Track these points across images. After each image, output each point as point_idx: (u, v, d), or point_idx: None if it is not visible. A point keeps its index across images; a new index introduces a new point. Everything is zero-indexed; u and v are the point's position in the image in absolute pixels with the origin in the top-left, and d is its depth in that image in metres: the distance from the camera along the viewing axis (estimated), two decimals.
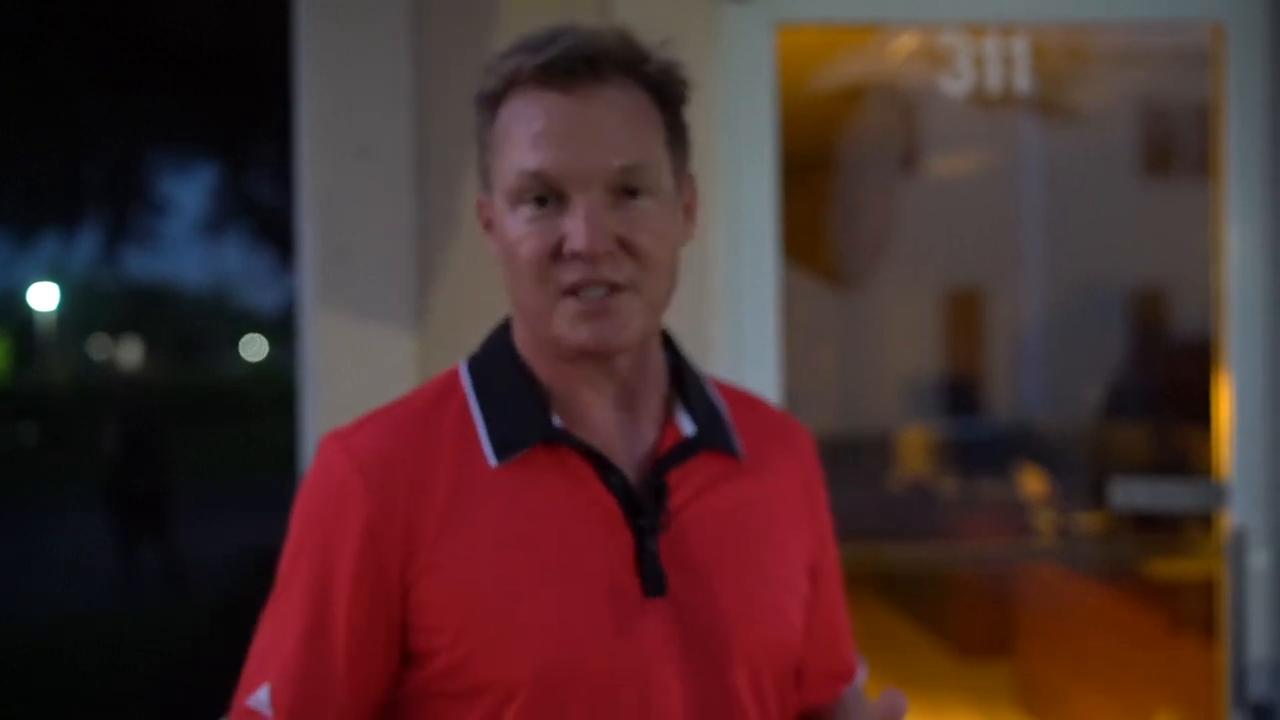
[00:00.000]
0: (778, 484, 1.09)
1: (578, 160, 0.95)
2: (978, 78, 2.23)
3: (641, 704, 0.97)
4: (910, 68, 2.38)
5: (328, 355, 1.88)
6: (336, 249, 1.90)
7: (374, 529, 0.97)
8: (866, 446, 5.01)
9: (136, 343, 12.48)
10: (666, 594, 0.98)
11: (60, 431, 9.92)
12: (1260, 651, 2.00)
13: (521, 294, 0.99)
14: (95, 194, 9.47)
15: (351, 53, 1.91)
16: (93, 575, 7.14)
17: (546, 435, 0.99)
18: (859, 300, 5.12)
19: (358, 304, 1.88)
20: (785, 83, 2.01)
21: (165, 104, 7.14)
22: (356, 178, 1.91)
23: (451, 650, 0.96)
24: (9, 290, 12.07)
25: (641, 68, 0.99)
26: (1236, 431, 2.03)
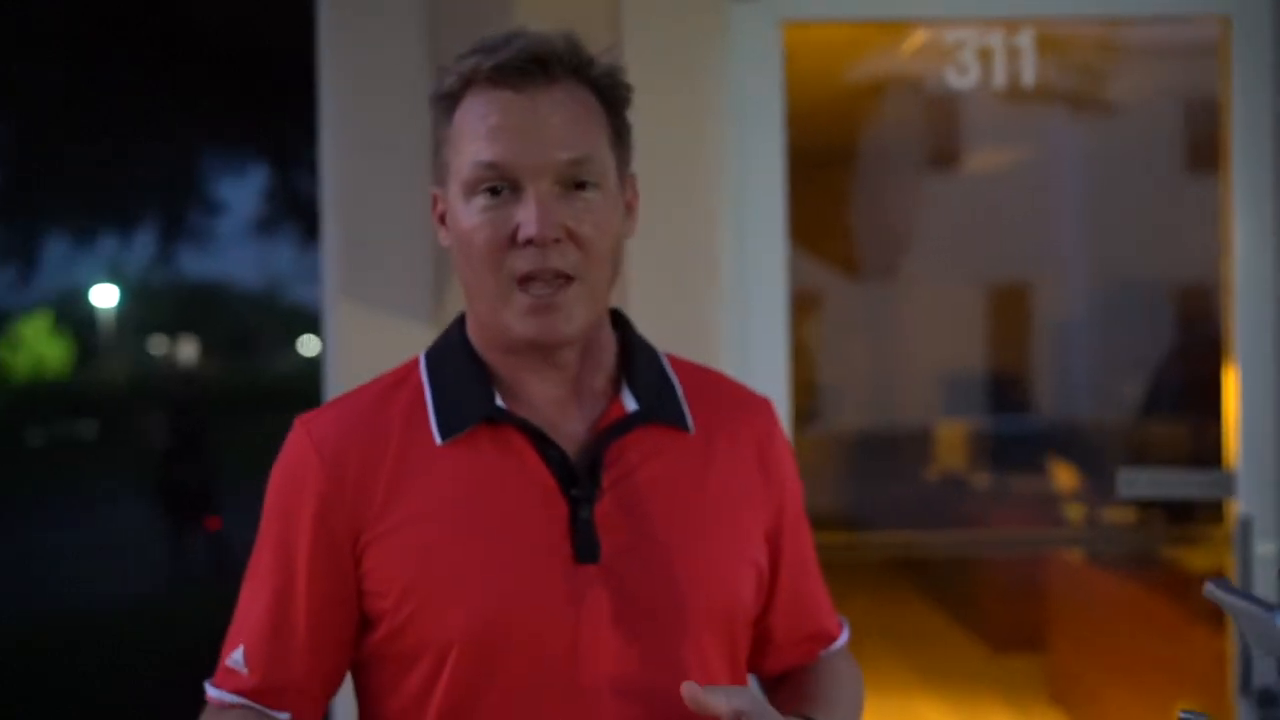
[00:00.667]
0: (731, 454, 1.13)
1: (529, 153, 1.00)
2: (1010, 72, 2.25)
3: (570, 664, 1.03)
4: (939, 63, 2.40)
5: (349, 347, 1.95)
6: (357, 244, 1.96)
7: (327, 501, 1.04)
8: (902, 440, 5.01)
9: (192, 340, 12.70)
10: (599, 560, 1.04)
11: (119, 426, 10.14)
12: None
13: (474, 282, 1.04)
14: (151, 196, 9.69)
15: (371, 55, 1.97)
16: (146, 561, 7.32)
17: (489, 414, 1.05)
18: (897, 296, 5.12)
19: (377, 297, 1.94)
20: (814, 78, 2.04)
21: (217, 107, 7.30)
22: (376, 175, 1.97)
23: (395, 613, 1.03)
24: (71, 290, 12.30)
25: (588, 71, 1.05)
26: (1243, 422, 2.04)
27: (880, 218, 4.49)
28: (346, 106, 1.99)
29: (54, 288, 11.92)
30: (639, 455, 1.08)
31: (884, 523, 4.41)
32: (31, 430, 10.93)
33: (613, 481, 1.07)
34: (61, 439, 10.71)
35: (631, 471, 1.08)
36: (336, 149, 1.99)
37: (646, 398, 1.10)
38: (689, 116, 1.97)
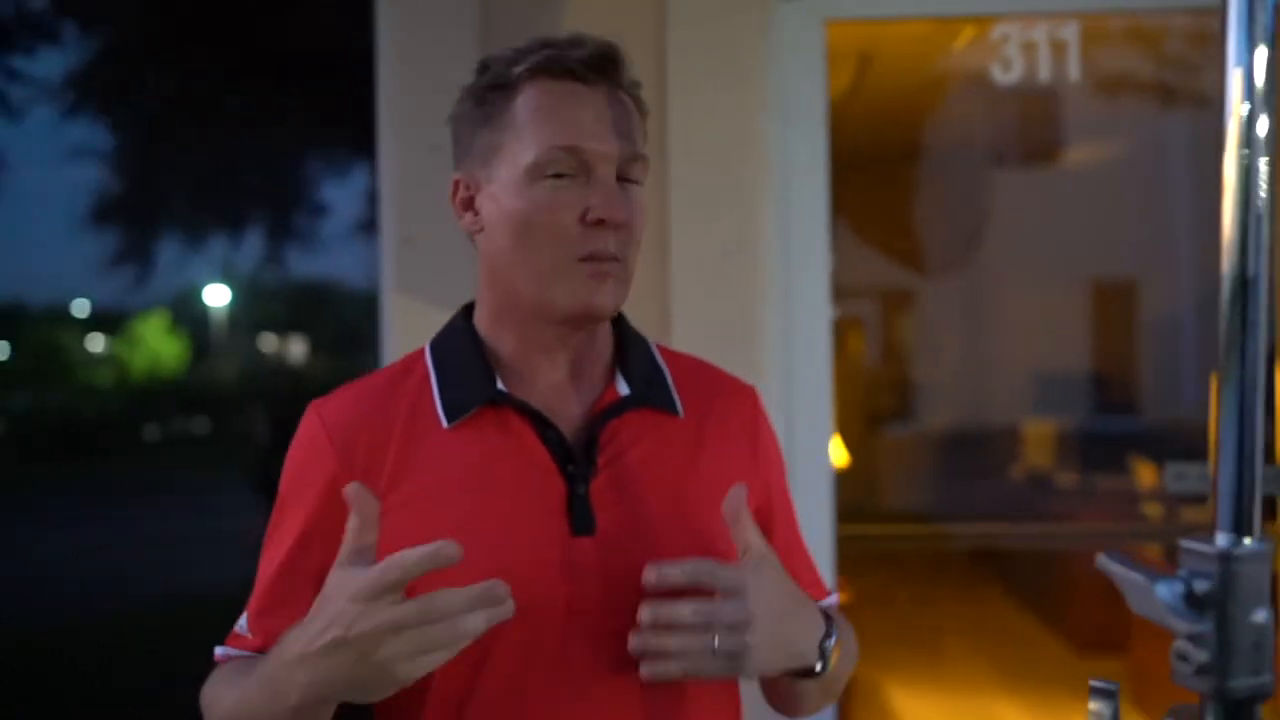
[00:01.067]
0: (718, 436, 1.18)
1: (602, 141, 1.06)
2: (1097, 65, 2.23)
3: (567, 631, 1.08)
4: (1028, 56, 2.38)
5: (402, 338, 2.02)
6: (409, 239, 2.02)
7: (336, 481, 1.10)
8: (991, 438, 4.97)
9: (301, 338, 13.00)
10: (594, 533, 1.08)
11: (229, 422, 10.44)
12: None
13: (526, 259, 1.09)
14: (258, 199, 9.97)
15: (425, 58, 2.04)
16: (250, 549, 7.58)
17: (490, 398, 1.10)
18: (994, 294, 5.08)
19: (427, 290, 2.00)
20: (901, 74, 2.04)
21: (320, 112, 7.50)
22: (428, 173, 2.03)
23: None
24: (184, 291, 12.63)
25: (625, 78, 1.10)
26: None
27: (976, 215, 4.45)
28: (402, 108, 2.05)
29: (169, 288, 12.19)
30: (631, 436, 1.14)
31: (968, 517, 4.40)
32: (148, 426, 11.33)
33: (607, 460, 1.12)
34: (175, 434, 11.09)
35: (624, 451, 1.13)
36: (392, 150, 2.06)
37: (639, 384, 1.16)
38: (734, 115, 2.00)
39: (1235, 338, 0.67)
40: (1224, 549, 0.66)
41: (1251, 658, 0.65)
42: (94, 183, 9.51)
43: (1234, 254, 0.68)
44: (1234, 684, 0.65)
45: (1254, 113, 0.69)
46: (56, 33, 5.64)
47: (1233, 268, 0.68)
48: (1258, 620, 0.65)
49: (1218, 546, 0.66)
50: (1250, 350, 0.67)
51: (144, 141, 8.38)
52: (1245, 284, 0.67)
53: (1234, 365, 0.67)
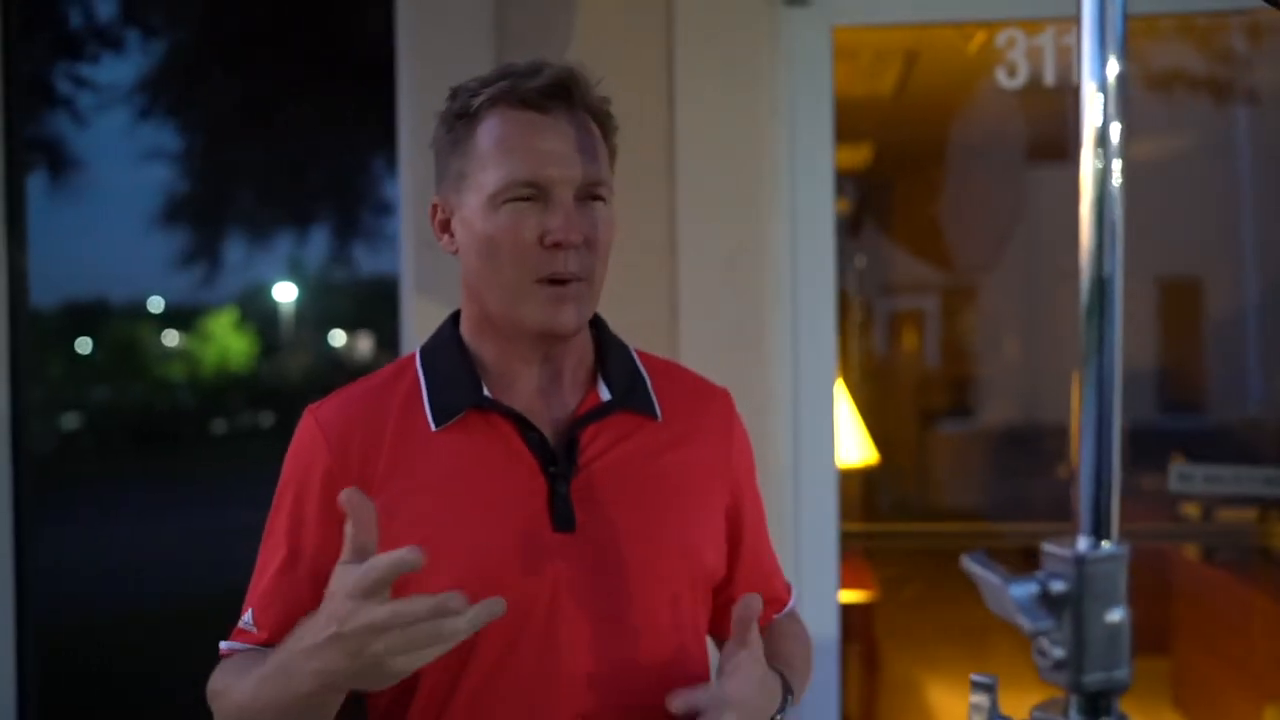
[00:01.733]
0: (694, 438, 1.25)
1: (558, 168, 1.14)
2: (1147, 62, 2.24)
3: (549, 622, 1.15)
4: (1067, 54, 2.39)
5: (423, 338, 2.09)
6: (428, 241, 2.10)
7: (332, 478, 1.17)
8: (1048, 436, 4.94)
9: (368, 335, 13.24)
10: (575, 530, 1.15)
11: (293, 415, 10.62)
12: None
13: (491, 279, 1.17)
14: (325, 198, 10.14)
15: (442, 61, 2.11)
16: None
17: (476, 402, 1.18)
18: (1052, 291, 5.05)
19: (445, 292, 2.07)
20: (949, 74, 2.06)
21: (383, 110, 7.63)
22: None
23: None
24: (253, 288, 12.97)
25: (589, 100, 1.17)
26: None
27: (1032, 212, 4.44)
28: (421, 110, 2.12)
29: (237, 285, 12.59)
30: (611, 438, 1.21)
31: (1017, 515, 4.39)
32: (216, 420, 11.68)
33: (587, 461, 1.19)
34: (243, 429, 11.41)
35: (604, 452, 1.20)
36: (413, 153, 2.13)
37: (619, 389, 1.23)
38: (741, 120, 2.05)
39: (1093, 339, 0.71)
40: (1080, 553, 0.70)
41: (1106, 654, 0.70)
42: (165, 183, 9.72)
43: (1090, 256, 0.72)
44: (1089, 679, 0.70)
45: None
46: (121, 41, 5.81)
47: (1091, 270, 0.71)
48: (1112, 619, 0.70)
49: (1075, 550, 0.70)
50: (1106, 352, 0.71)
51: (212, 146, 8.57)
52: (1102, 284, 0.71)
53: (1091, 367, 0.71)
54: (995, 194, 4.51)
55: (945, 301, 5.33)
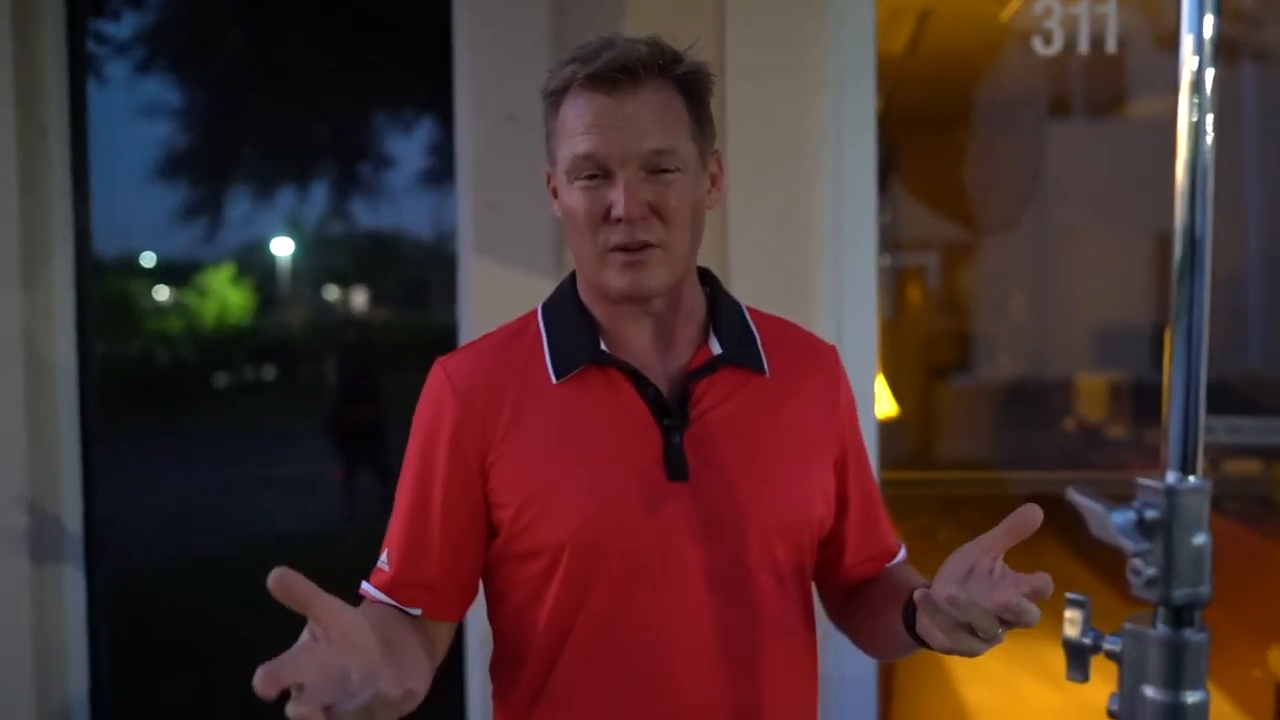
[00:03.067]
0: (802, 393, 1.34)
1: (619, 146, 1.22)
2: (1160, 19, 2.31)
3: (663, 563, 1.24)
4: (1091, 13, 2.44)
5: (481, 299, 2.18)
6: (491, 204, 2.18)
7: (460, 429, 1.27)
8: (1048, 391, 5.06)
9: (362, 289, 13.21)
10: (688, 479, 1.25)
11: (295, 370, 10.69)
12: None
13: (578, 247, 1.27)
14: (326, 152, 10.15)
15: (500, 31, 2.18)
16: (319, 497, 7.81)
17: (595, 357, 1.27)
18: (1056, 247, 5.14)
19: (506, 253, 2.16)
20: (963, 33, 2.12)
21: (385, 67, 7.62)
22: (506, 142, 2.18)
23: (515, 521, 1.25)
24: (252, 242, 12.91)
25: (671, 70, 1.25)
26: None
27: (1040, 169, 4.52)
28: (478, 80, 2.20)
29: (238, 240, 12.52)
30: (723, 392, 1.30)
31: (1023, 465, 4.51)
32: (217, 373, 11.65)
33: (700, 414, 1.28)
34: (244, 382, 11.38)
35: (716, 406, 1.29)
36: (470, 120, 2.21)
37: (730, 344, 1.31)
38: (790, 87, 2.13)
39: (1184, 296, 0.81)
40: (1171, 485, 0.81)
41: (1191, 572, 0.81)
42: (165, 138, 9.71)
43: (1183, 210, 0.80)
44: (1177, 593, 0.81)
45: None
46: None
47: (1183, 225, 0.80)
48: (1197, 542, 0.81)
49: (1165, 483, 0.81)
50: (1196, 309, 0.80)
51: (215, 101, 8.57)
52: (1194, 244, 0.80)
53: (1182, 323, 0.81)
54: (1003, 152, 4.59)
55: (953, 257, 5.42)
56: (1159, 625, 0.82)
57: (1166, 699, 0.81)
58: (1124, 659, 0.84)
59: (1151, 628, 0.82)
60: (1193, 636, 0.81)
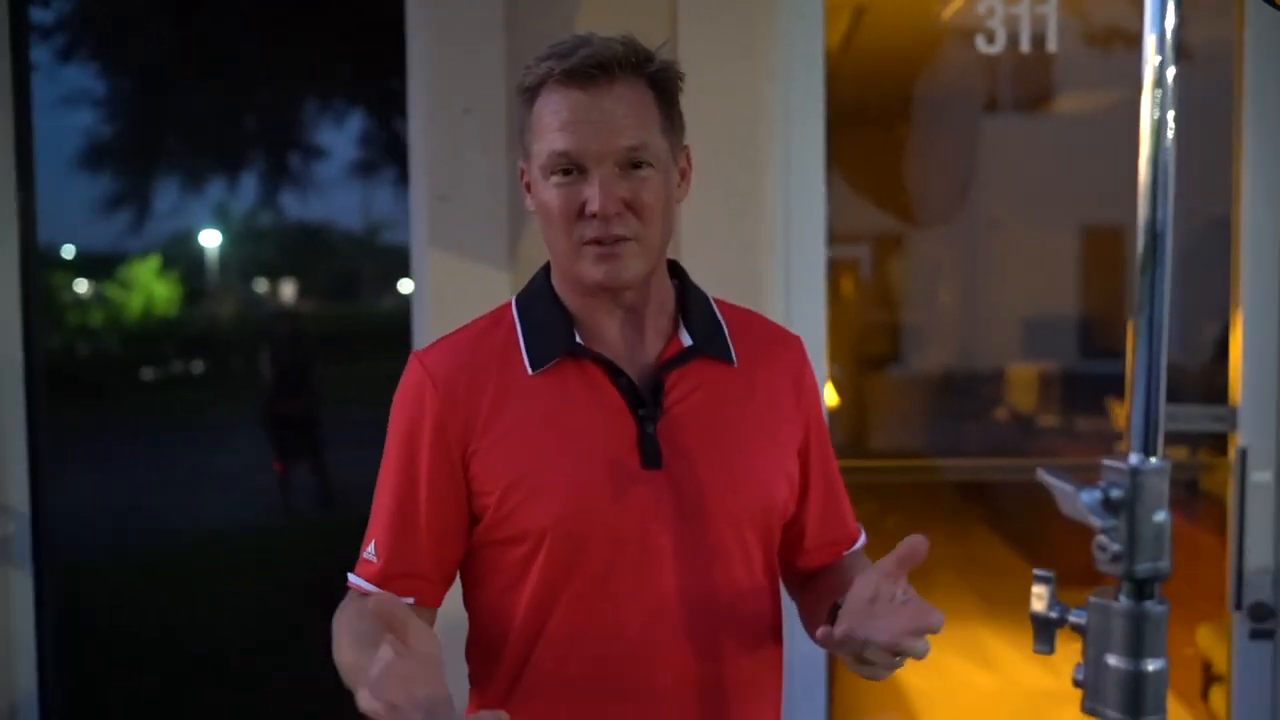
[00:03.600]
0: (768, 382, 1.38)
1: (594, 143, 1.25)
2: (1091, 17, 2.38)
3: (641, 548, 1.28)
4: (1018, 9, 2.50)
5: (435, 291, 2.20)
6: (444, 196, 2.20)
7: (441, 421, 1.30)
8: (978, 381, 5.16)
9: (292, 281, 13.06)
10: (662, 467, 1.28)
11: (225, 363, 10.55)
12: (1261, 560, 2.19)
13: (553, 241, 1.30)
14: (255, 143, 10.02)
15: (454, 28, 2.19)
16: (254, 490, 7.72)
17: (570, 349, 1.30)
18: (986, 240, 5.24)
19: (461, 245, 2.18)
20: (897, 29, 2.17)
21: (316, 56, 7.55)
22: (460, 135, 2.20)
23: (498, 508, 1.29)
24: (180, 234, 12.70)
25: (644, 68, 1.28)
26: (1245, 361, 2.20)
27: (966, 163, 4.61)
28: (432, 71, 2.21)
29: (165, 232, 12.31)
30: (693, 382, 1.34)
31: (957, 454, 4.61)
32: (144, 367, 11.46)
33: (672, 403, 1.32)
34: (173, 375, 11.20)
35: (687, 395, 1.33)
36: (423, 111, 2.22)
37: (700, 335, 1.35)
38: (742, 82, 2.17)
39: (1146, 288, 0.86)
40: (1134, 465, 0.86)
41: (1152, 548, 0.86)
42: (88, 129, 9.52)
43: (1146, 204, 0.85)
44: (1140, 567, 0.86)
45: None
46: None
47: (1145, 219, 0.85)
48: (1158, 520, 0.86)
49: (1129, 463, 0.86)
50: (1157, 301, 0.85)
51: (141, 89, 8.41)
52: (1155, 236, 0.85)
53: (1144, 314, 0.86)
54: (934, 147, 4.68)
55: (885, 250, 5.51)
56: (1122, 598, 0.87)
57: (1129, 667, 0.86)
58: (1089, 630, 0.89)
59: (1115, 600, 0.87)
60: (1153, 608, 0.86)
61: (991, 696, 3.54)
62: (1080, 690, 0.89)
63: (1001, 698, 3.53)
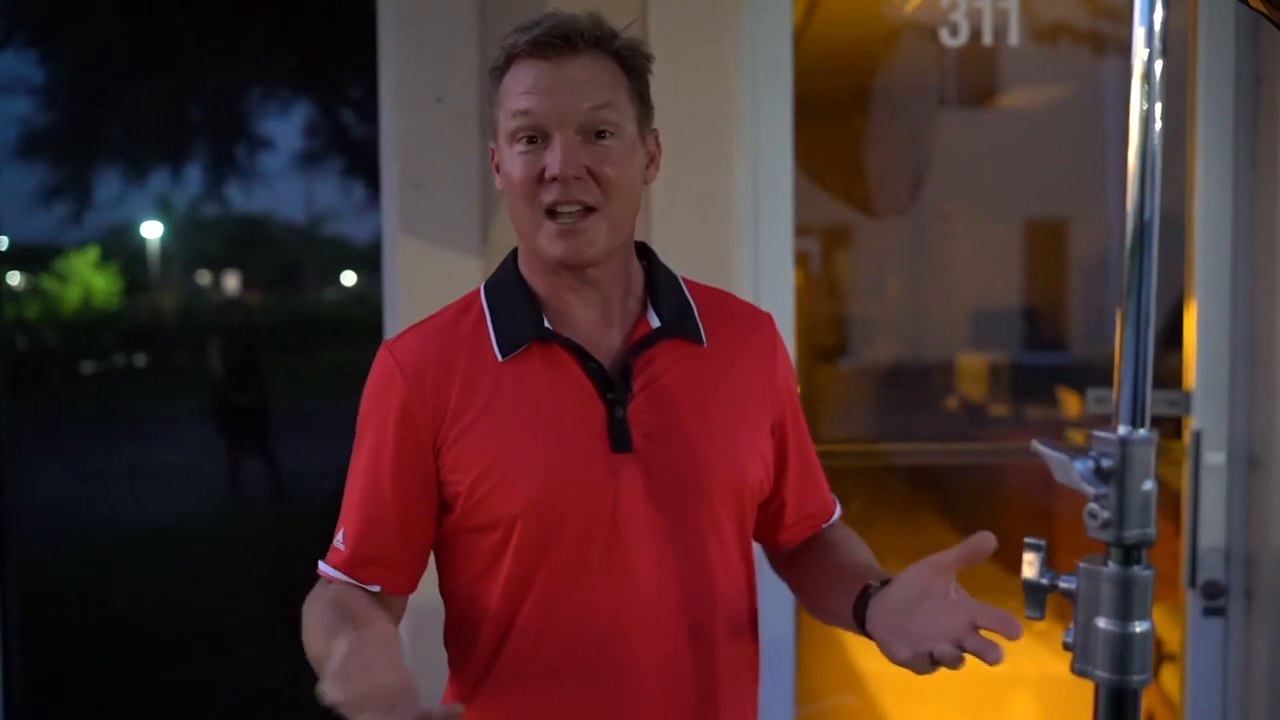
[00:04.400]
0: (739, 362, 1.39)
1: (555, 105, 1.26)
2: (1037, 15, 2.43)
3: (613, 531, 1.29)
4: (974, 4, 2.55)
5: (408, 278, 2.20)
6: (417, 184, 2.20)
7: (410, 408, 1.30)
8: (927, 371, 5.23)
9: (235, 273, 12.93)
10: (633, 450, 1.30)
11: (169, 356, 10.44)
12: (1213, 539, 2.26)
13: (516, 214, 1.31)
14: (199, 132, 9.89)
15: (427, 17, 2.20)
16: (202, 482, 7.65)
17: (539, 335, 1.31)
18: (935, 233, 5.31)
19: (433, 233, 2.18)
20: (849, 24, 2.20)
21: (262, 46, 7.48)
22: (432, 123, 2.20)
23: (470, 496, 1.29)
24: (121, 226, 12.54)
25: (609, 44, 1.30)
26: (1199, 347, 2.27)
27: (914, 157, 4.66)
28: (403, 60, 2.21)
29: (104, 223, 12.12)
30: (663, 364, 1.34)
31: (907, 439, 4.69)
32: (84, 360, 11.30)
33: (641, 386, 1.32)
34: (114, 368, 11.06)
35: (657, 377, 1.33)
36: (395, 100, 2.22)
37: (669, 317, 1.36)
38: (711, 73, 2.20)
39: (1134, 274, 0.90)
40: (1123, 436, 0.90)
41: (1140, 515, 0.90)
42: (26, 115, 9.33)
43: (1134, 194, 0.89)
44: (1128, 534, 0.90)
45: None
46: None
47: (1134, 207, 0.89)
48: (1145, 488, 0.90)
49: (1119, 434, 0.90)
50: (1144, 286, 0.89)
51: (82, 77, 8.27)
52: (1143, 224, 0.89)
53: (1133, 297, 0.90)
54: (886, 140, 4.73)
55: (834, 243, 5.56)
56: (1110, 563, 0.91)
57: (1117, 629, 0.90)
58: (1078, 595, 0.93)
59: (1104, 565, 0.91)
60: (1140, 572, 0.90)
61: (944, 679, 3.60)
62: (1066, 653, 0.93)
63: (953, 681, 3.60)
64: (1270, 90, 2.22)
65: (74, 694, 4.52)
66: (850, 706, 3.32)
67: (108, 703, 4.58)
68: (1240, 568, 2.30)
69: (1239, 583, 2.30)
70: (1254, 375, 2.27)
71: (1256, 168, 2.25)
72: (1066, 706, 3.25)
